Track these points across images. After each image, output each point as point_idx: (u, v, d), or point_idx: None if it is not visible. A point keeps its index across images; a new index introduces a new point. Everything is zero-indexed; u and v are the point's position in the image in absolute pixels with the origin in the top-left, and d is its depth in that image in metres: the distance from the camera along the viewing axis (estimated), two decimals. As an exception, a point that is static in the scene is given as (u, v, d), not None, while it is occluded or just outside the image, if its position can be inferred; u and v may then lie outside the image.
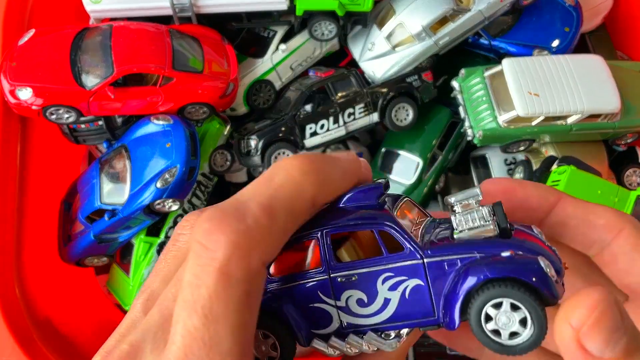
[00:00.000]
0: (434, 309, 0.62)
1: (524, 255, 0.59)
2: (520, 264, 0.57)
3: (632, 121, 2.03)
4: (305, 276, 0.64)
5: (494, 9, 2.07)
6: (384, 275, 0.62)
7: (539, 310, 0.56)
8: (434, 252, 0.61)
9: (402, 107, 2.12)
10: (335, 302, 0.63)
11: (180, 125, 1.86)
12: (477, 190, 0.64)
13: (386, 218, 0.62)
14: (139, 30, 1.88)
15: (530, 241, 0.61)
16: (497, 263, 0.58)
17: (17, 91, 1.76)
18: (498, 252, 0.59)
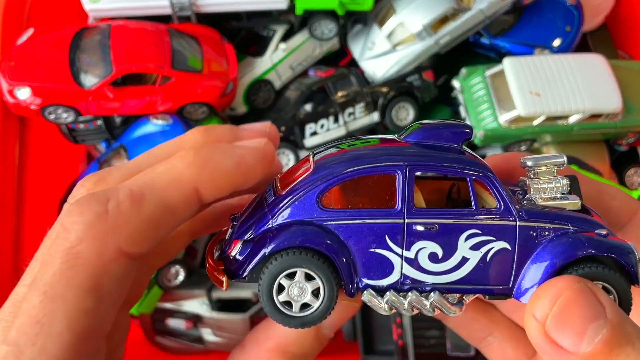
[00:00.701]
0: (511, 278, 0.57)
1: (617, 238, 0.56)
2: (618, 246, 0.55)
3: (633, 121, 2.02)
4: (374, 214, 0.56)
5: (495, 8, 2.06)
6: (470, 232, 0.56)
7: (629, 294, 0.54)
8: (529, 215, 0.57)
9: (403, 106, 2.11)
10: (402, 251, 0.56)
11: (179, 125, 1.85)
12: (563, 157, 0.59)
13: (486, 167, 0.58)
14: (138, 30, 1.87)
15: (604, 222, 0.59)
16: (598, 240, 0.55)
17: (16, 91, 1.75)
18: (592, 229, 0.57)
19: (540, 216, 0.57)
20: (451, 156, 0.58)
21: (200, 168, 0.51)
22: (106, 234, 0.45)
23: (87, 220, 0.45)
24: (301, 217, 0.57)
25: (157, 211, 0.48)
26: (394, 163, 0.56)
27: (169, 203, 0.49)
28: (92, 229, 0.45)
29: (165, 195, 0.49)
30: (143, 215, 0.47)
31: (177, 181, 0.50)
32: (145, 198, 0.48)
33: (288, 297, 0.57)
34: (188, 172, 0.50)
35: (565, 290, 0.47)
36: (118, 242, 0.46)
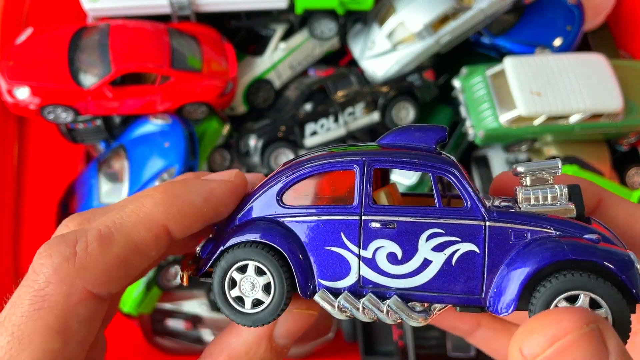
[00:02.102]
0: (482, 287, 0.51)
1: (612, 245, 0.50)
2: (609, 252, 0.49)
3: (634, 120, 2.01)
4: (330, 211, 0.54)
5: (496, 7, 2.05)
6: (431, 231, 0.52)
7: (625, 311, 0.47)
8: (500, 215, 0.51)
9: (403, 106, 2.10)
10: (359, 250, 0.53)
11: (178, 125, 1.84)
12: (557, 162, 0.54)
13: (451, 163, 0.54)
14: (137, 29, 1.86)
15: (610, 233, 0.53)
16: (582, 245, 0.49)
17: (15, 90, 1.75)
18: (580, 234, 0.50)
19: (515, 218, 0.52)
20: (414, 153, 0.55)
21: (168, 206, 0.51)
22: (73, 277, 0.46)
23: (55, 263, 0.46)
24: (262, 214, 0.57)
25: (126, 252, 0.48)
26: (353, 158, 0.55)
27: (137, 243, 0.49)
28: (60, 271, 0.45)
29: (133, 235, 0.49)
30: (111, 257, 0.47)
31: (146, 220, 0.50)
32: (113, 239, 0.48)
33: (240, 292, 0.56)
34: (156, 210, 0.50)
35: (569, 332, 0.41)
36: (85, 284, 0.46)
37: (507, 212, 0.52)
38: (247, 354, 0.57)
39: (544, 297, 0.48)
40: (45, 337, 0.44)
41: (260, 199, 0.57)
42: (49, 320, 0.44)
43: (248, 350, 0.57)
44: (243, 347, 0.57)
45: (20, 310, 0.45)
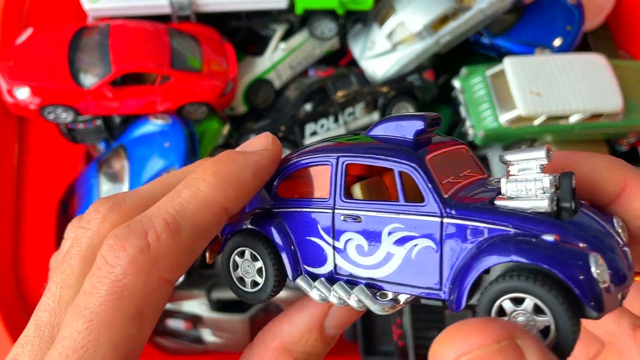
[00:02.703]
0: (441, 282, 0.51)
1: (573, 245, 0.45)
2: (561, 253, 0.44)
3: (634, 120, 2.01)
4: (309, 204, 0.58)
5: (495, 8, 2.05)
6: (392, 225, 0.53)
7: (569, 321, 0.43)
8: (459, 212, 0.50)
9: (403, 106, 2.10)
10: (332, 241, 0.56)
11: (178, 125, 1.85)
12: (542, 151, 0.50)
13: (412, 158, 0.53)
14: (137, 29, 1.87)
15: (594, 231, 0.47)
16: (530, 245, 0.45)
17: (15, 90, 1.75)
18: (539, 233, 0.46)
19: (474, 213, 0.49)
20: (384, 147, 0.55)
21: (223, 187, 0.53)
22: (150, 267, 0.48)
23: (130, 255, 0.48)
24: (261, 204, 0.63)
25: (193, 238, 0.51)
26: (328, 154, 0.57)
27: (202, 227, 0.51)
28: (136, 263, 0.48)
29: (197, 221, 0.51)
30: (181, 244, 0.50)
31: (206, 205, 0.52)
32: (180, 227, 0.50)
33: (241, 273, 0.62)
34: (213, 194, 0.52)
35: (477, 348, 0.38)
36: (161, 273, 0.49)
37: (468, 208, 0.50)
38: (299, 342, 0.60)
39: (486, 297, 0.47)
40: (124, 323, 0.46)
41: (263, 189, 0.62)
42: (128, 308, 0.47)
43: (300, 338, 0.60)
44: (296, 335, 0.60)
45: (98, 300, 0.46)
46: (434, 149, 0.56)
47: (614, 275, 0.45)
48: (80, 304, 0.47)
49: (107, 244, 0.49)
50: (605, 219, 0.51)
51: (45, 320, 0.51)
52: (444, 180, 0.53)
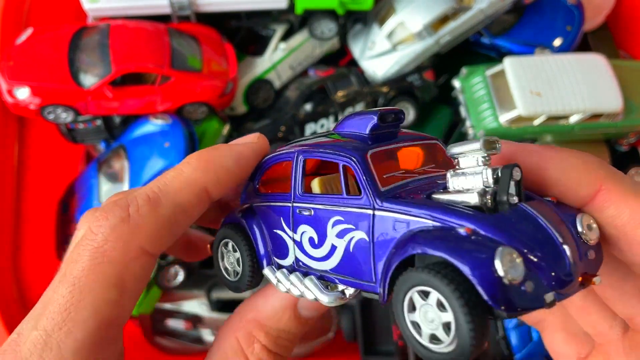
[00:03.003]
0: (375, 275, 0.51)
1: (486, 239, 0.43)
2: (467, 246, 0.42)
3: (634, 120, 2.01)
4: (276, 198, 0.61)
5: (495, 8, 2.05)
6: (335, 218, 0.55)
7: (465, 318, 0.41)
8: (388, 205, 0.50)
9: (403, 106, 2.10)
10: (292, 233, 0.59)
11: (178, 125, 1.85)
12: (477, 143, 0.47)
13: (354, 153, 0.53)
14: (137, 29, 1.87)
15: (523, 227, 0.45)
16: (440, 237, 0.44)
17: (15, 90, 1.75)
18: (455, 226, 0.45)
19: (402, 206, 0.49)
20: (338, 143, 0.57)
21: (205, 170, 0.57)
22: (129, 235, 0.51)
23: (112, 224, 0.51)
24: (248, 200, 0.66)
25: (173, 212, 0.54)
26: (290, 151, 0.60)
27: (182, 204, 0.55)
28: (117, 230, 0.51)
29: (178, 198, 0.55)
30: (160, 217, 0.53)
31: (187, 184, 0.56)
32: (161, 201, 0.54)
33: (226, 263, 0.66)
34: (195, 175, 0.56)
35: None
36: (139, 242, 0.52)
37: (397, 200, 0.50)
38: (272, 318, 0.62)
39: (397, 290, 0.47)
40: (104, 288, 0.49)
41: (246, 186, 0.67)
42: (108, 273, 0.49)
43: (274, 315, 0.62)
44: (270, 312, 0.62)
45: (80, 265, 0.50)
46: (384, 145, 0.56)
47: (539, 274, 0.43)
48: (66, 270, 0.50)
49: (94, 216, 0.52)
50: (560, 217, 0.48)
51: (50, 294, 0.54)
52: (385, 174, 0.54)
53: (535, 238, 0.45)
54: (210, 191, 0.57)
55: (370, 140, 0.56)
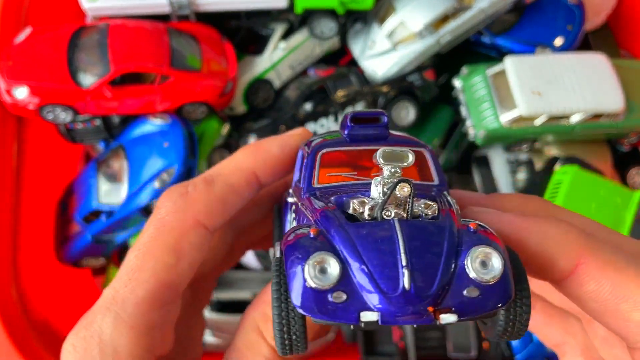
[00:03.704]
0: None
1: (324, 243, 0.43)
2: (300, 246, 0.43)
3: (635, 120, 2.00)
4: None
5: (496, 7, 2.05)
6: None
7: (275, 315, 0.43)
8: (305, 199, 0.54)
9: (403, 106, 2.09)
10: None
11: (178, 125, 1.84)
12: (377, 157, 0.46)
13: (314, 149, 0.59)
14: (137, 28, 1.86)
15: (371, 240, 0.42)
16: (294, 236, 0.45)
17: (14, 90, 1.74)
18: (322, 228, 0.46)
19: (308, 203, 0.53)
20: (327, 141, 0.61)
21: (254, 155, 0.65)
22: (186, 208, 0.59)
23: (173, 199, 0.60)
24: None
25: (225, 191, 0.62)
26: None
27: (233, 184, 0.63)
28: (176, 204, 0.59)
29: (230, 179, 0.63)
30: (214, 194, 0.61)
31: (239, 167, 0.64)
32: (214, 181, 0.62)
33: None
34: (246, 160, 0.64)
35: None
36: (195, 214, 0.59)
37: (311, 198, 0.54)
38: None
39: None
40: (163, 253, 0.56)
41: None
42: (167, 240, 0.57)
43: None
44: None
45: (147, 234, 0.58)
46: (353, 145, 0.57)
47: (361, 289, 0.41)
48: (137, 240, 0.59)
49: (163, 196, 0.61)
50: (446, 243, 0.43)
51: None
52: (329, 172, 0.56)
53: (379, 256, 0.42)
54: (258, 175, 0.65)
55: (348, 139, 0.58)
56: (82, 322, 0.55)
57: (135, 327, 0.53)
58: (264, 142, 0.67)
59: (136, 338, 0.53)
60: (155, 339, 0.55)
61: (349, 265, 0.42)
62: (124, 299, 0.53)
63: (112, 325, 0.52)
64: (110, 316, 0.52)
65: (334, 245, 0.43)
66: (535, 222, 0.49)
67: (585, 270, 0.46)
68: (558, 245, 0.47)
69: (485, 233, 0.45)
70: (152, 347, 0.54)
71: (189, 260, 0.57)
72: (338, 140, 0.59)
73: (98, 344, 0.52)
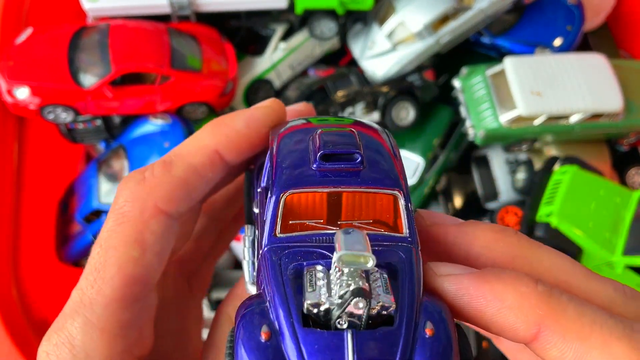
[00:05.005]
0: None
1: (276, 352, 0.42)
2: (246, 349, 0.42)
3: (634, 120, 2.01)
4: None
5: (496, 7, 2.05)
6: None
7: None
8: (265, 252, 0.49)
9: (403, 106, 2.10)
10: None
11: (178, 125, 1.84)
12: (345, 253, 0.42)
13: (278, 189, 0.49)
14: (137, 29, 1.86)
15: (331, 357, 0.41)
16: (237, 329, 0.44)
17: (15, 90, 1.75)
18: (261, 324, 0.45)
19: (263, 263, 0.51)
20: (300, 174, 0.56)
21: (216, 132, 0.58)
22: (144, 195, 0.53)
23: (130, 187, 0.54)
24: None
25: (186, 173, 0.56)
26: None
27: (194, 165, 0.57)
28: (134, 192, 0.54)
29: (190, 159, 0.57)
30: (174, 177, 0.55)
31: (200, 147, 0.57)
32: (174, 163, 0.57)
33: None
34: (207, 137, 0.58)
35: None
36: (154, 201, 0.54)
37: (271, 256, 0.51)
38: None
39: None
40: (126, 246, 0.52)
41: None
42: (128, 232, 0.52)
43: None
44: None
45: (106, 227, 0.53)
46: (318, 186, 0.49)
47: None
48: (99, 235, 0.55)
49: (120, 184, 0.56)
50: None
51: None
52: (292, 220, 0.49)
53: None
54: (222, 153, 0.58)
55: (317, 174, 0.50)
56: (54, 327, 0.51)
57: (106, 329, 0.50)
58: (227, 117, 0.60)
59: (109, 341, 0.50)
60: (131, 339, 0.52)
61: None
62: (91, 300, 0.50)
63: (82, 330, 0.49)
64: (78, 320, 0.50)
65: (283, 353, 0.42)
66: (491, 287, 0.45)
67: (546, 338, 0.44)
68: (516, 314, 0.44)
69: (440, 337, 0.43)
70: (128, 347, 0.51)
71: (154, 250, 0.53)
72: (304, 175, 0.50)
73: (70, 350, 0.49)
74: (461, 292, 0.46)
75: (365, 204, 0.50)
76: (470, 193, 2.20)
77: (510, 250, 0.51)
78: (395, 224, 0.50)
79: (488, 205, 2.15)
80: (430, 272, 0.47)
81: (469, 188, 2.21)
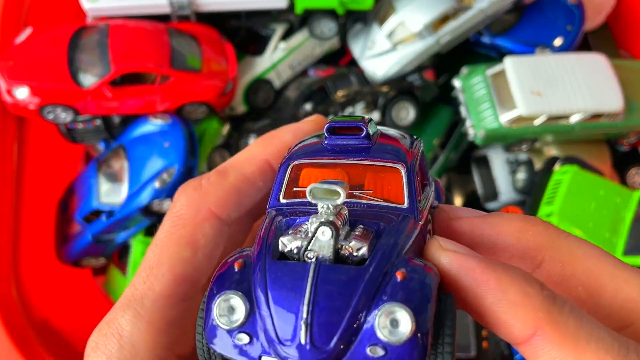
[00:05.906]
0: None
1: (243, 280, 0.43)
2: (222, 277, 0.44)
3: (634, 120, 2.01)
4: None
5: (496, 7, 2.05)
6: None
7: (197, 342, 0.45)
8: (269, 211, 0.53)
9: (403, 106, 2.10)
10: None
11: (178, 125, 1.84)
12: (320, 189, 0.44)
13: (287, 160, 0.53)
14: (137, 29, 1.86)
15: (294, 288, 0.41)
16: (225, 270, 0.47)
17: (14, 90, 1.75)
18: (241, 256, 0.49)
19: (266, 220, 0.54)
20: (302, 148, 0.60)
21: (266, 144, 0.63)
22: (199, 200, 0.58)
23: (187, 193, 0.59)
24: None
25: (238, 181, 0.60)
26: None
27: (246, 174, 0.61)
28: (190, 197, 0.59)
29: (243, 169, 0.61)
30: (227, 184, 0.60)
31: (252, 157, 0.62)
32: (228, 172, 0.61)
33: None
34: (259, 149, 0.63)
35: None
36: (208, 205, 0.58)
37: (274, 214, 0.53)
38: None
39: None
40: (179, 246, 0.56)
41: None
42: (181, 233, 0.57)
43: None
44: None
45: (163, 229, 0.58)
46: (325, 157, 0.52)
47: (263, 334, 0.41)
48: (155, 236, 0.59)
49: (178, 191, 0.61)
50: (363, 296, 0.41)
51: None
52: (296, 187, 0.51)
53: (285, 304, 0.41)
54: (272, 164, 0.62)
55: (328, 149, 0.53)
56: (105, 319, 0.55)
57: (153, 323, 0.53)
58: (277, 131, 0.65)
59: (154, 335, 0.53)
60: (174, 336, 0.54)
61: (258, 307, 0.41)
62: (142, 295, 0.54)
63: (130, 322, 0.53)
64: (129, 313, 0.53)
65: (250, 279, 0.43)
66: (497, 276, 0.44)
67: (541, 343, 0.42)
68: (515, 311, 0.43)
69: (413, 283, 0.42)
70: (171, 344, 0.54)
71: (205, 252, 0.57)
72: (317, 148, 0.54)
73: (118, 340, 0.52)
74: (465, 271, 0.45)
75: (373, 178, 0.52)
76: (471, 193, 2.20)
77: (539, 239, 0.50)
78: (398, 197, 0.51)
79: (488, 205, 2.15)
80: (436, 244, 0.47)
81: (469, 188, 2.21)
